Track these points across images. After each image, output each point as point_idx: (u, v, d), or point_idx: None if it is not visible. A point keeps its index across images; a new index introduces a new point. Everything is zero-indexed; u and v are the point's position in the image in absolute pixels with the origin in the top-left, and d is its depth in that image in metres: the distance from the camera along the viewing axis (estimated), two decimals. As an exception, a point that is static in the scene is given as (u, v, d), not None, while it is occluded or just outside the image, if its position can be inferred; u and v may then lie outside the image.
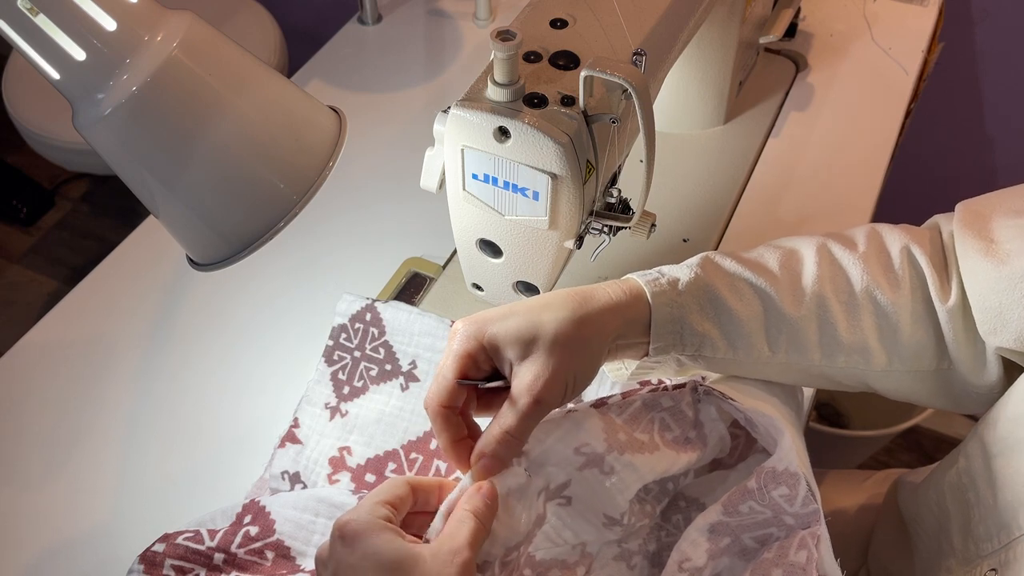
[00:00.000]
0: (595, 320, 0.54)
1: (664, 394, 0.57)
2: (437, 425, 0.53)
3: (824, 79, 1.04)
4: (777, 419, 0.55)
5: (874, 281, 0.59)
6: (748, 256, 0.61)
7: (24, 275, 2.04)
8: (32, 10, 0.45)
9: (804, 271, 0.60)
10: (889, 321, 0.59)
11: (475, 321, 0.53)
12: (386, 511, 0.49)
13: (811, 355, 0.59)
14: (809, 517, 0.53)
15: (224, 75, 0.51)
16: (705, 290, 0.58)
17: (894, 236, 0.62)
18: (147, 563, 0.57)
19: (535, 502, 0.54)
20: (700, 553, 0.56)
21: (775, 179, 0.93)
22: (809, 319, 0.59)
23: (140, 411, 0.77)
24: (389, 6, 1.19)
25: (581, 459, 0.55)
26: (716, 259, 0.60)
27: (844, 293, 0.59)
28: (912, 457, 1.70)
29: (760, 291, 0.59)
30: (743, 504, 0.54)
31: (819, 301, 0.59)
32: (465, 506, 0.50)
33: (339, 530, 0.48)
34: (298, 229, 0.56)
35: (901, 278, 0.60)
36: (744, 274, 0.59)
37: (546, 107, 0.54)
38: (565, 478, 0.55)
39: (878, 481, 0.89)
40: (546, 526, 0.57)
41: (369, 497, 0.50)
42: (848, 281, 0.59)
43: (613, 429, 0.55)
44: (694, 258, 0.60)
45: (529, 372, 0.51)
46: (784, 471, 0.53)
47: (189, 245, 0.57)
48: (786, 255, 0.61)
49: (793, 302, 0.58)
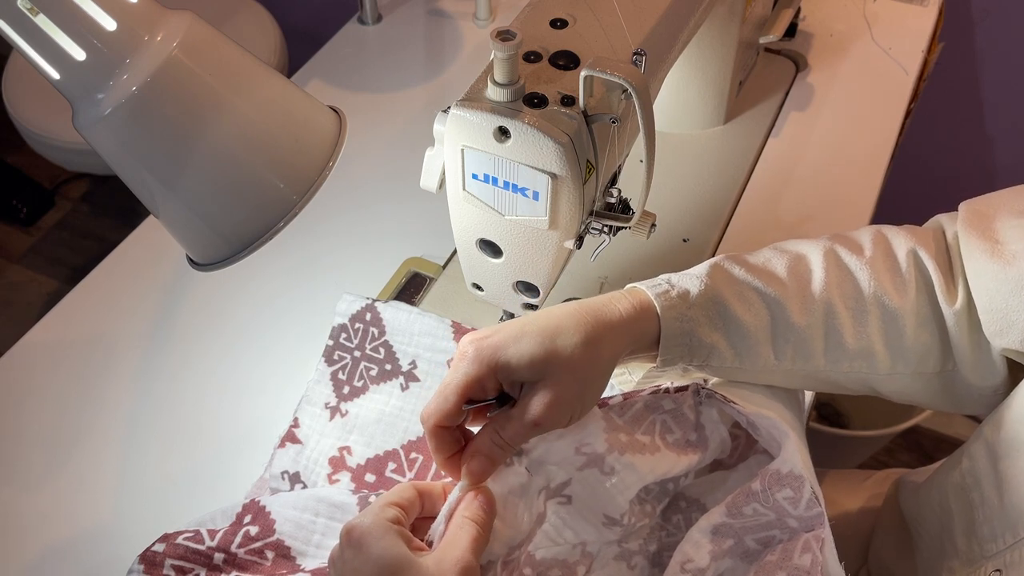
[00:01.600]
0: (608, 342, 0.53)
1: (666, 397, 0.57)
2: (433, 442, 0.52)
3: (824, 79, 1.04)
4: (780, 422, 0.55)
5: (881, 286, 0.59)
6: (756, 262, 0.61)
7: (24, 275, 2.04)
8: (32, 10, 0.45)
9: (812, 278, 0.60)
10: (895, 326, 0.59)
11: (486, 346, 0.51)
12: (395, 512, 0.49)
13: (816, 362, 0.59)
14: (813, 520, 0.53)
15: (224, 75, 0.51)
16: (715, 301, 0.58)
17: (900, 239, 0.62)
18: (147, 563, 0.57)
19: (536, 500, 0.54)
20: (703, 554, 0.56)
21: (775, 179, 0.93)
22: (816, 327, 0.58)
23: (140, 411, 0.77)
24: (389, 6, 1.19)
25: (582, 459, 0.55)
26: (725, 266, 0.60)
27: (851, 299, 0.59)
28: (912, 457, 1.70)
29: (769, 300, 0.58)
30: (747, 506, 0.54)
31: (827, 309, 0.59)
32: (465, 513, 0.50)
33: (346, 534, 0.48)
34: (298, 229, 0.56)
35: (908, 282, 0.60)
36: (753, 283, 0.59)
37: (546, 107, 0.54)
38: (565, 477, 0.55)
39: (878, 481, 0.89)
40: (546, 525, 0.57)
41: (379, 500, 0.51)
42: (855, 287, 0.59)
43: (614, 429, 0.55)
44: (702, 266, 0.60)
45: (539, 398, 0.50)
46: (788, 473, 0.53)
47: (189, 245, 0.57)
48: (794, 260, 0.61)
49: (801, 310, 0.58)
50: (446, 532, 0.49)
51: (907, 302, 0.59)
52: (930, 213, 0.66)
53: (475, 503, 0.50)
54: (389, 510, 0.49)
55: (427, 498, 0.53)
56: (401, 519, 0.49)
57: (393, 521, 0.48)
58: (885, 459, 1.67)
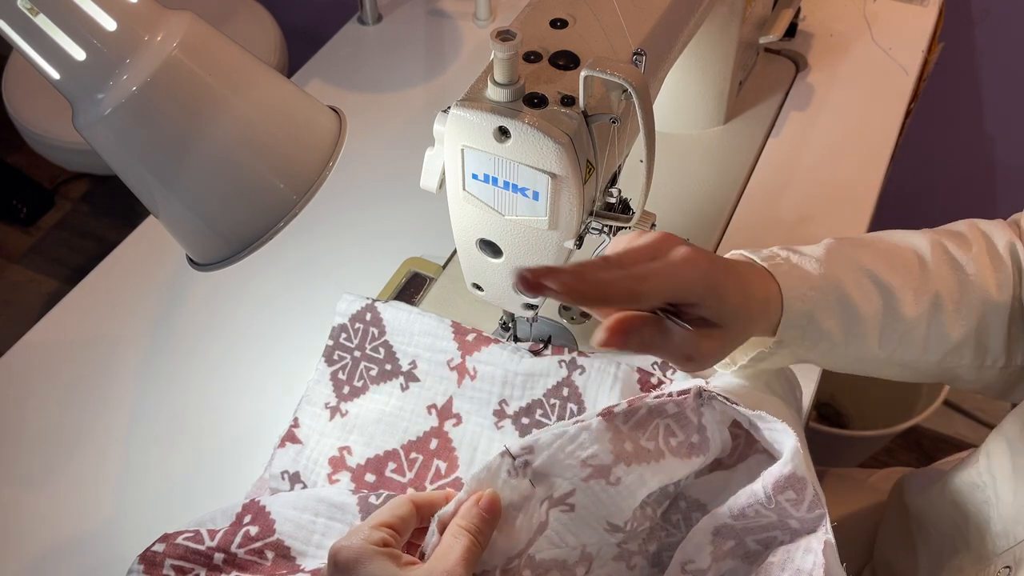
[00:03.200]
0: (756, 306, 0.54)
1: (669, 400, 0.57)
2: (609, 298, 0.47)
3: (824, 79, 1.04)
4: (781, 423, 0.55)
5: (984, 282, 0.60)
6: (869, 250, 0.60)
7: (24, 275, 2.04)
8: (32, 10, 0.45)
9: (924, 271, 0.60)
10: (995, 320, 0.60)
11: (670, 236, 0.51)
12: (382, 534, 0.49)
13: (915, 352, 0.59)
14: (815, 521, 0.53)
15: (224, 75, 0.51)
16: (835, 286, 0.57)
17: (999, 233, 0.62)
18: (147, 563, 0.57)
19: (537, 510, 0.54)
20: (704, 556, 0.56)
21: (775, 179, 0.93)
22: (922, 319, 0.59)
23: (140, 411, 0.77)
24: (389, 6, 1.19)
25: (588, 470, 0.54)
26: (842, 251, 0.59)
27: (956, 293, 0.59)
28: (912, 457, 1.70)
29: (883, 290, 0.58)
30: (749, 507, 0.54)
31: (934, 301, 0.59)
32: (460, 521, 0.50)
33: (333, 557, 0.48)
34: (298, 229, 0.56)
35: (1009, 277, 0.60)
36: (869, 271, 0.58)
37: (546, 107, 0.54)
38: (569, 488, 0.55)
39: (880, 480, 0.89)
40: (548, 531, 0.57)
41: (368, 520, 0.50)
42: (962, 281, 0.60)
43: (620, 439, 0.55)
44: (816, 247, 0.59)
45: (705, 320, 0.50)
46: (791, 475, 0.53)
47: (189, 245, 0.57)
48: (905, 252, 0.61)
49: (913, 302, 0.58)
50: (439, 543, 0.49)
51: (1006, 296, 0.60)
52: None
53: (474, 510, 0.50)
54: (376, 532, 0.49)
55: (427, 509, 0.53)
56: (389, 539, 0.49)
57: (380, 543, 0.48)
58: (885, 459, 1.67)
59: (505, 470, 0.53)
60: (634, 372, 0.66)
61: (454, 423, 0.67)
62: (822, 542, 0.52)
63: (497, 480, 0.53)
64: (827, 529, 0.53)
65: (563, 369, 0.66)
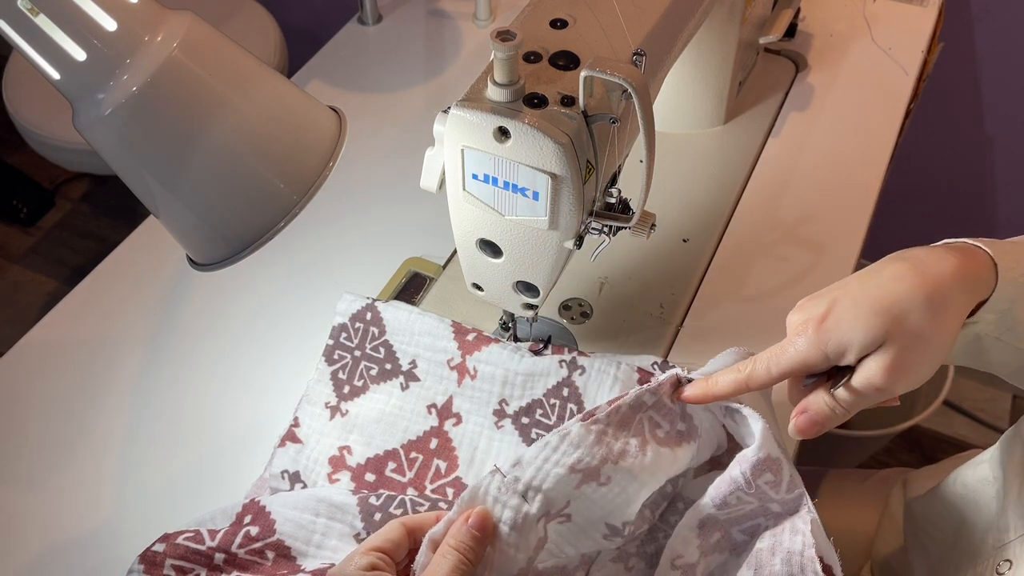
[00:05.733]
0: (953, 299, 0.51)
1: (644, 391, 0.57)
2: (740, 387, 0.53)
3: (824, 79, 1.04)
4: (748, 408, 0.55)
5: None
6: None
7: (24, 275, 2.04)
8: (32, 10, 0.45)
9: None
10: None
11: (824, 330, 0.50)
12: (372, 558, 0.50)
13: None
14: (795, 502, 0.54)
15: (224, 75, 0.51)
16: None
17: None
18: (147, 563, 0.57)
19: (535, 527, 0.54)
20: (692, 550, 0.56)
21: (775, 179, 0.93)
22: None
23: (140, 411, 0.77)
24: (389, 6, 1.19)
25: (578, 476, 0.54)
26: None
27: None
28: (912, 457, 1.70)
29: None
30: (730, 495, 0.55)
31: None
32: (449, 541, 0.50)
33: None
34: (298, 229, 0.56)
35: None
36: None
37: (546, 107, 0.54)
38: (564, 501, 0.55)
39: (879, 480, 0.89)
40: (548, 544, 0.57)
41: (359, 546, 0.51)
42: None
43: (605, 438, 0.55)
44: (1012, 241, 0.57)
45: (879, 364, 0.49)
46: (767, 458, 0.53)
47: (189, 245, 0.57)
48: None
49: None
50: (430, 563, 0.50)
51: None
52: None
53: (462, 530, 0.50)
54: (364, 558, 0.50)
55: (419, 531, 0.53)
56: (378, 562, 0.50)
57: (369, 567, 0.49)
58: (885, 459, 1.67)
59: (495, 487, 0.53)
60: (634, 372, 0.66)
61: (454, 423, 0.67)
62: (807, 521, 0.52)
63: (487, 498, 0.53)
64: (809, 508, 0.53)
65: (563, 369, 0.66)
